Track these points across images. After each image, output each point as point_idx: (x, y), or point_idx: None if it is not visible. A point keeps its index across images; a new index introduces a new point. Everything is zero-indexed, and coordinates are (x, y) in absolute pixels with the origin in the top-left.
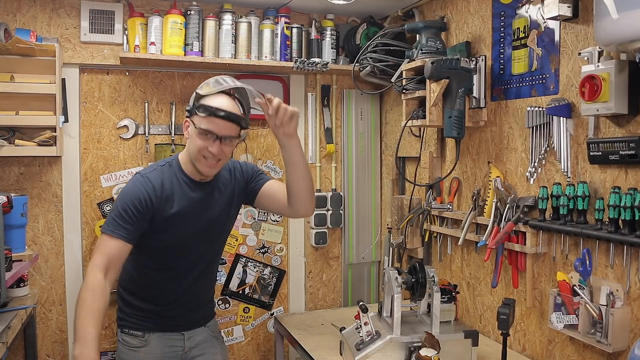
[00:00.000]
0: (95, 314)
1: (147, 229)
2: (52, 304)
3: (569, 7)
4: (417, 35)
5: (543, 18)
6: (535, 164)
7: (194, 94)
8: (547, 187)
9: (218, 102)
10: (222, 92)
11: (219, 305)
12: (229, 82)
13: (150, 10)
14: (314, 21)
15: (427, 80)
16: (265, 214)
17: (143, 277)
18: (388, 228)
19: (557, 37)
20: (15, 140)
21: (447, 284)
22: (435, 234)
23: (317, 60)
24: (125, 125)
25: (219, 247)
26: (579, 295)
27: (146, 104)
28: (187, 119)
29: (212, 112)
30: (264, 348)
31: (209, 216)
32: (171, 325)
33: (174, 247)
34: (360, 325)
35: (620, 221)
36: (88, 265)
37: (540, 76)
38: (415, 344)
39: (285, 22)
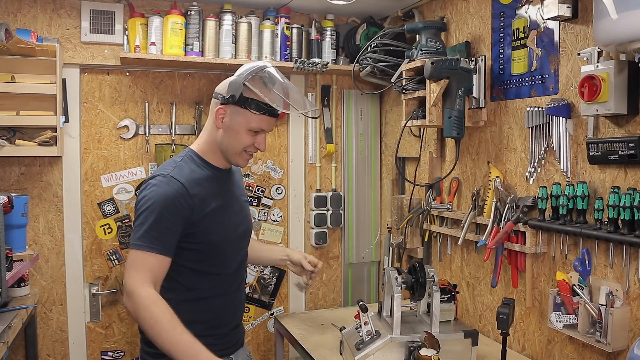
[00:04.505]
0: (177, 321)
1: (187, 233)
2: (53, 304)
3: (568, 7)
4: (417, 35)
5: (542, 18)
6: (535, 164)
7: (241, 84)
8: (546, 187)
9: (270, 98)
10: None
11: None
12: (296, 100)
13: (150, 10)
14: (314, 21)
15: (427, 81)
16: (265, 214)
17: (187, 296)
18: (388, 228)
19: (556, 38)
20: (16, 140)
21: (446, 283)
22: (435, 234)
23: (317, 60)
24: (125, 126)
25: (248, 242)
26: (578, 295)
27: (146, 104)
28: (224, 107)
29: (269, 111)
30: (264, 348)
31: (238, 203)
32: (222, 347)
33: (217, 246)
34: (360, 325)
35: (619, 221)
36: (128, 287)
37: (540, 76)
38: (415, 344)
39: (286, 23)
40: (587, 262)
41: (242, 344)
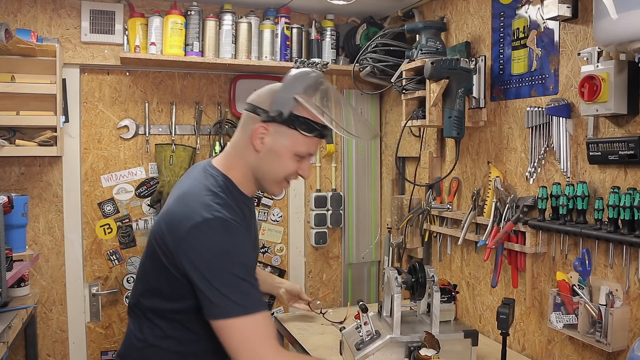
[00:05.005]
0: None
1: None
2: (53, 304)
3: (568, 7)
4: (417, 35)
5: (542, 18)
6: (535, 164)
7: (291, 99)
8: (546, 187)
9: (326, 117)
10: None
11: None
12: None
13: (150, 10)
14: (314, 21)
15: (427, 81)
16: (265, 214)
17: (204, 347)
18: (388, 228)
19: (556, 38)
20: (16, 140)
21: (446, 283)
22: (435, 234)
23: (317, 60)
24: (125, 125)
25: None
26: (578, 295)
27: (146, 104)
28: (266, 125)
29: (322, 133)
30: None
31: (256, 231)
32: None
33: None
34: (360, 325)
35: (619, 221)
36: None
37: (540, 76)
38: (415, 344)
39: (286, 23)
40: (587, 262)
41: None
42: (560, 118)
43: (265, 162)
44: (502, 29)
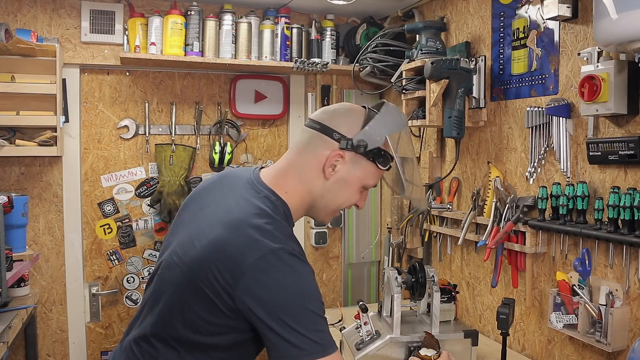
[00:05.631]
0: None
1: None
2: (53, 304)
3: (568, 7)
4: (417, 35)
5: (542, 18)
6: (535, 164)
7: (383, 136)
8: (546, 187)
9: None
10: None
11: None
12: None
13: (150, 10)
14: (314, 21)
15: (427, 81)
16: None
17: None
18: (388, 228)
19: (556, 38)
20: (16, 140)
21: (446, 283)
22: (435, 234)
23: (317, 60)
24: (125, 125)
25: None
26: (578, 295)
27: (146, 104)
28: (342, 153)
29: (390, 167)
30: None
31: None
32: None
33: None
34: (360, 325)
35: (619, 221)
36: None
37: (540, 76)
38: (415, 344)
39: (286, 23)
40: (587, 262)
41: None
42: (560, 118)
43: (331, 190)
44: (502, 29)
